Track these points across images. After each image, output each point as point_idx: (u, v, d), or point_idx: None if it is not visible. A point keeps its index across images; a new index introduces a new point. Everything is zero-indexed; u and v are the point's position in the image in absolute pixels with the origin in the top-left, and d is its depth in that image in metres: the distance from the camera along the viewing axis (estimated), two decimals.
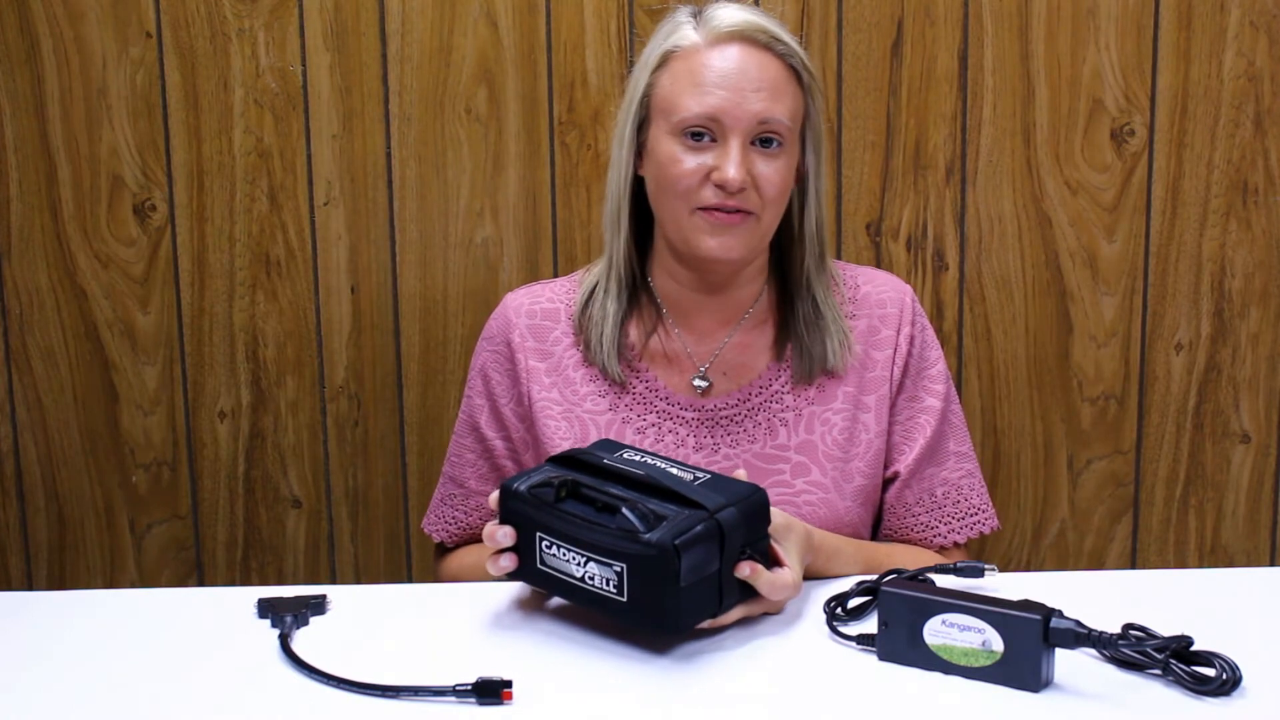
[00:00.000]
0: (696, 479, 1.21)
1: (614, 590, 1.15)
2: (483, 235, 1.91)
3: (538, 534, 1.21)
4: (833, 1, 1.85)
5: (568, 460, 1.26)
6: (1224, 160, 1.89)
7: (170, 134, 1.90)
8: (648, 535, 1.13)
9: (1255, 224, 1.90)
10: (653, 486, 1.19)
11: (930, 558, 1.47)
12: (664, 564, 1.12)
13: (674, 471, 1.22)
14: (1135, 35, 1.86)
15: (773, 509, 1.23)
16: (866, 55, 1.87)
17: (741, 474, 1.29)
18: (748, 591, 1.20)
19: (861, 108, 1.88)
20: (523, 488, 1.22)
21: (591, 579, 1.17)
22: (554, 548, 1.19)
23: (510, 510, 1.23)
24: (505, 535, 1.23)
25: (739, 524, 1.17)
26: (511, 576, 1.25)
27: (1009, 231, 1.90)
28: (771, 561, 1.22)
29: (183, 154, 1.90)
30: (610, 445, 1.29)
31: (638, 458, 1.25)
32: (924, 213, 1.90)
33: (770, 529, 1.22)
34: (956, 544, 1.50)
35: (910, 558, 1.45)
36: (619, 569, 1.15)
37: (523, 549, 1.23)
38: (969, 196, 1.90)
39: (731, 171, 1.38)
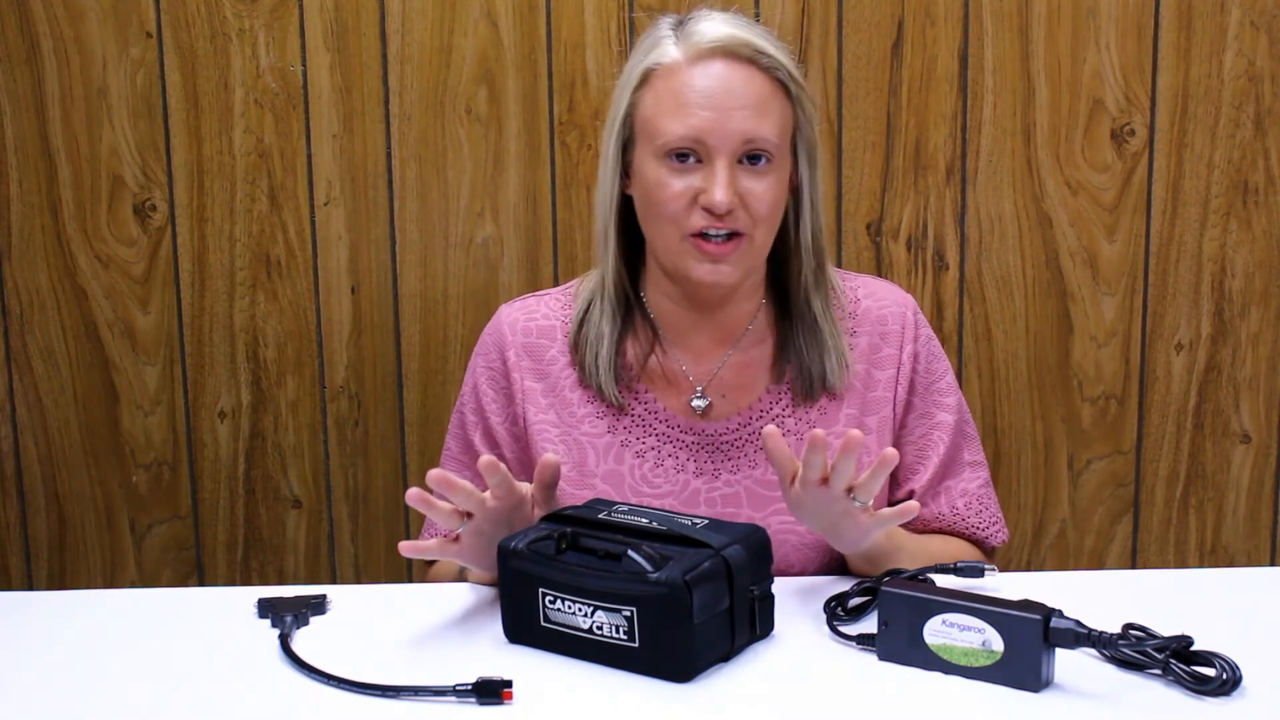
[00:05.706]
0: (696, 524, 1.20)
1: (624, 636, 1.14)
2: (483, 235, 1.91)
3: (540, 589, 1.18)
4: (833, 1, 1.85)
5: (562, 519, 1.24)
6: (1224, 160, 1.89)
7: (170, 134, 1.90)
8: (656, 574, 1.11)
9: (1255, 224, 1.90)
10: (653, 533, 1.18)
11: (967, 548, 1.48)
12: (675, 601, 1.11)
13: (674, 517, 1.21)
14: (1135, 35, 1.86)
15: None
16: (866, 55, 1.87)
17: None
18: (760, 631, 1.20)
19: (861, 108, 1.88)
20: (521, 545, 1.19)
21: (600, 628, 1.15)
22: (558, 601, 1.17)
23: (510, 569, 1.20)
24: (490, 463, 1.22)
25: (746, 562, 1.16)
26: (513, 640, 1.22)
27: (1009, 232, 1.90)
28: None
29: (183, 154, 1.90)
30: (603, 504, 1.26)
31: (632, 512, 1.23)
32: (924, 213, 1.90)
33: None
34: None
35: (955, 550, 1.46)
36: (629, 613, 1.13)
37: (524, 608, 1.20)
38: (969, 196, 1.90)
39: (719, 195, 1.34)
